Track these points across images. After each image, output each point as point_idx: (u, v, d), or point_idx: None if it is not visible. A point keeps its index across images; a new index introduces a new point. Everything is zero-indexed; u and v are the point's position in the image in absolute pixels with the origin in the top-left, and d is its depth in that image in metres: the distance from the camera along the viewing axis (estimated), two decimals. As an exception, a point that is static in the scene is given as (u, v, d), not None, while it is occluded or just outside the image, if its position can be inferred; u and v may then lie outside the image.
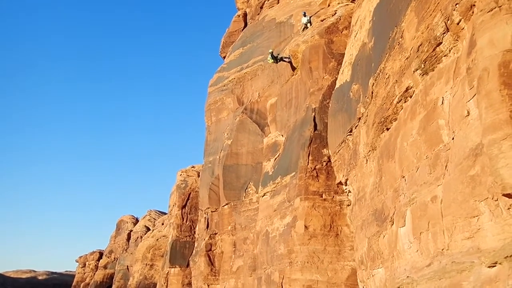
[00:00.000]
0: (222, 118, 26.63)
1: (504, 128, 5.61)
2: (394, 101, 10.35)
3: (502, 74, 5.76)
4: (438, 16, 8.34)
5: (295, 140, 18.39)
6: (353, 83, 14.21)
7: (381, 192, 11.49)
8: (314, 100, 18.01)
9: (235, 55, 27.45)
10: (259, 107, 23.55)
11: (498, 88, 5.73)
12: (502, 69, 5.78)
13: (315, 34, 19.03)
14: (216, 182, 24.78)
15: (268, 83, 23.36)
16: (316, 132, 17.29)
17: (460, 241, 7.41)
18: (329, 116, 16.70)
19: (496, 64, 5.83)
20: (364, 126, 12.99)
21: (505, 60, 5.80)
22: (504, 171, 5.58)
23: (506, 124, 5.60)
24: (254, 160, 22.65)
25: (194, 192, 35.96)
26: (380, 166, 11.45)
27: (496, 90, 5.75)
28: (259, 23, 26.78)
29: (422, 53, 8.90)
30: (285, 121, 20.48)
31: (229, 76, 26.86)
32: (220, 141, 25.63)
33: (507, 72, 5.75)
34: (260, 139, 22.60)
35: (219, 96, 26.98)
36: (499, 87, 5.73)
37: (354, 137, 14.08)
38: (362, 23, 14.44)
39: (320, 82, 18.20)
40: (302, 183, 16.58)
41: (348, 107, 14.56)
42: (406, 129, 9.74)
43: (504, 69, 5.77)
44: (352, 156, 14.20)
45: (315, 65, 18.60)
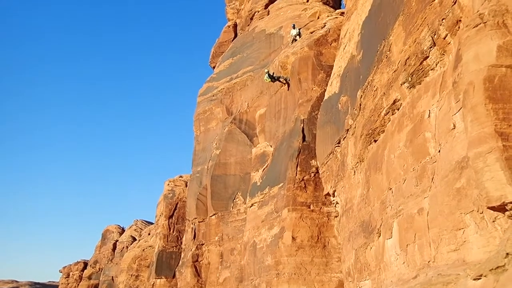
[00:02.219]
0: (211, 128, 26.58)
1: (489, 142, 5.69)
2: (382, 113, 10.44)
3: (487, 88, 5.85)
4: (425, 30, 8.47)
5: (283, 151, 18.41)
6: (342, 95, 14.31)
7: (368, 203, 11.52)
8: (303, 111, 18.09)
9: (225, 65, 27.52)
10: (248, 118, 23.57)
11: (483, 102, 5.82)
12: (487, 83, 5.87)
13: (304, 46, 19.19)
14: (204, 192, 24.64)
15: (257, 93, 23.43)
16: (304, 143, 17.34)
17: (446, 253, 7.44)
18: (318, 127, 16.77)
19: (481, 78, 5.93)
20: (352, 138, 13.06)
21: (490, 74, 5.90)
22: (489, 184, 5.65)
23: (491, 138, 5.68)
24: (243, 171, 22.59)
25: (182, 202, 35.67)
26: (368, 178, 11.50)
27: (481, 104, 5.83)
28: (249, 34, 26.92)
29: (410, 66, 9.01)
30: (274, 132, 20.52)
31: (219, 86, 26.88)
32: (208, 151, 25.55)
33: (492, 86, 5.85)
34: (248, 149, 22.58)
35: (208, 106, 26.96)
36: (484, 101, 5.82)
37: (342, 149, 14.13)
38: (351, 35, 14.60)
39: (309, 93, 18.31)
40: (290, 194, 16.56)
41: (336, 118, 14.64)
42: (393, 141, 9.81)
43: (489, 84, 5.87)
44: (340, 167, 14.25)
45: (304, 76, 18.72)
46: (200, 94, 28.65)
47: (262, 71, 23.19)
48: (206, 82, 28.92)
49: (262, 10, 27.32)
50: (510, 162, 5.52)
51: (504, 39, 5.99)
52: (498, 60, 5.92)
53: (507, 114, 5.70)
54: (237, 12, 30.95)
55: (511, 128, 5.67)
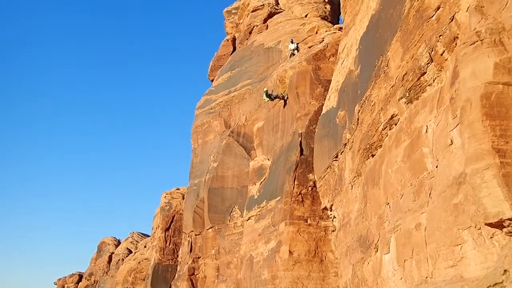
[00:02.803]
0: (208, 141, 26.59)
1: (487, 158, 5.70)
2: (379, 128, 10.48)
3: (484, 105, 5.89)
4: (422, 46, 8.55)
5: (281, 165, 18.40)
6: (340, 109, 14.37)
7: (365, 218, 11.48)
8: (300, 125, 18.13)
9: (223, 78, 27.65)
10: (246, 131, 23.61)
11: (481, 119, 5.85)
12: (484, 100, 5.91)
13: (302, 60, 19.32)
14: (201, 205, 24.54)
15: (255, 107, 23.50)
16: (302, 157, 17.34)
17: (444, 269, 7.40)
18: (315, 141, 16.79)
19: (478, 95, 5.97)
20: (349, 152, 13.08)
21: (487, 91, 5.94)
22: (487, 200, 5.64)
23: (488, 154, 5.70)
24: (240, 184, 22.54)
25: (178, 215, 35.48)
26: (365, 193, 11.48)
27: (478, 121, 5.86)
28: (247, 47, 27.12)
29: (407, 82, 9.07)
30: (272, 145, 20.53)
31: (217, 99, 26.97)
32: (206, 163, 25.52)
33: (489, 103, 5.89)
34: (246, 162, 22.57)
35: (206, 118, 27.01)
36: (481, 117, 5.85)
37: (339, 163, 14.13)
38: (349, 50, 14.71)
39: (307, 107, 18.38)
40: (287, 207, 16.51)
41: (334, 132, 14.67)
42: (391, 156, 9.82)
43: (486, 101, 5.90)
44: (337, 181, 14.23)
45: (302, 90, 18.81)
46: (198, 107, 28.72)
47: (261, 86, 23.31)
48: (204, 95, 29.02)
49: (261, 24, 27.57)
50: (508, 178, 5.54)
51: (501, 56, 6.05)
52: (495, 77, 5.97)
53: (504, 131, 5.73)
54: (236, 26, 31.21)
55: (508, 145, 5.69)
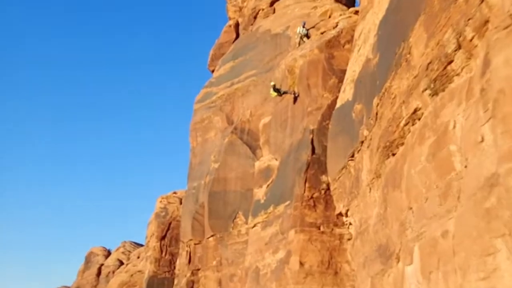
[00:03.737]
0: (209, 139, 26.66)
1: (522, 156, 5.68)
2: (401, 124, 10.47)
3: (520, 96, 5.87)
4: (449, 31, 8.52)
5: (290, 165, 18.42)
6: (356, 103, 14.36)
7: (386, 225, 11.48)
8: (312, 120, 18.14)
9: (225, 68, 27.70)
10: (250, 127, 23.64)
11: (516, 112, 5.83)
12: (519, 91, 5.89)
13: (314, 48, 19.31)
14: (201, 210, 24.61)
15: (261, 100, 23.52)
16: (314, 156, 17.35)
17: (474, 281, 7.39)
18: (329, 138, 16.80)
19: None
20: (367, 151, 13.07)
21: (523, 81, 5.92)
22: (523, 204, 5.63)
23: (524, 152, 5.68)
24: (244, 187, 22.59)
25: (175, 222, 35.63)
26: (385, 196, 11.48)
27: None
28: (252, 34, 27.13)
29: (432, 71, 9.05)
30: (280, 143, 20.56)
31: (218, 92, 27.02)
32: (206, 164, 25.58)
33: (524, 94, 5.86)
34: (251, 162, 22.61)
35: (206, 114, 27.07)
36: (517, 110, 5.83)
37: (356, 163, 14.13)
38: (366, 37, 14.69)
39: (319, 100, 18.38)
40: (297, 213, 16.53)
41: (350, 129, 14.67)
42: (414, 155, 9.81)
43: (522, 91, 5.88)
44: (354, 183, 14.23)
45: (314, 82, 18.81)
46: (197, 101, 28.78)
47: (267, 76, 23.32)
48: (204, 87, 29.06)
49: (267, 8, 27.56)
50: (546, 179, 5.51)
51: (538, 42, 6.02)
52: (532, 65, 5.94)
53: (542, 125, 5.70)
54: (239, 10, 31.22)
55: (547, 141, 5.66)
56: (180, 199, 37.10)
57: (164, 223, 36.47)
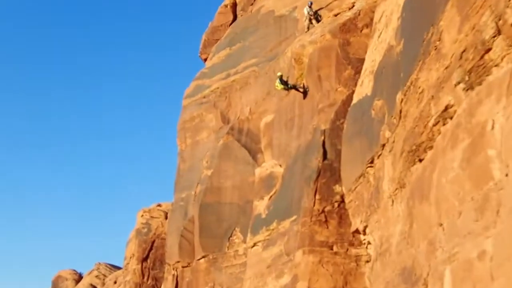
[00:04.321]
0: (200, 141, 26.67)
1: None
2: (430, 124, 10.49)
3: None
4: (487, 14, 8.54)
5: (297, 172, 18.42)
6: (376, 98, 14.39)
7: (411, 244, 11.49)
8: (323, 119, 18.15)
9: (220, 57, 27.74)
10: (250, 127, 23.65)
11: None
12: None
13: (326, 33, 19.34)
14: (190, 226, 24.60)
15: (263, 95, 23.55)
16: (325, 162, 17.35)
17: (517, 312, 7.39)
18: (344, 141, 16.82)
19: (562, 78, 5.96)
20: (389, 156, 13.10)
21: None
22: None
23: None
24: (242, 198, 22.59)
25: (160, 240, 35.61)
26: (411, 210, 11.50)
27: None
28: (252, 16, 27.19)
29: (466, 61, 9.07)
30: (285, 147, 20.56)
31: (211, 84, 27.05)
32: (197, 171, 25.59)
33: None
34: (250, 169, 22.60)
35: (197, 111, 27.10)
36: None
37: (376, 170, 14.15)
38: (388, 20, 14.74)
39: (332, 95, 18.39)
40: (306, 230, 16.53)
41: (368, 129, 14.69)
42: (445, 161, 9.83)
43: None
44: (373, 195, 14.25)
45: (326, 73, 18.83)
46: (186, 95, 28.81)
47: (270, 66, 23.34)
48: (194, 79, 29.08)
49: (270, -16, 27.64)
50: None
51: None
52: None
53: None
54: (237, -13, 31.32)
55: None
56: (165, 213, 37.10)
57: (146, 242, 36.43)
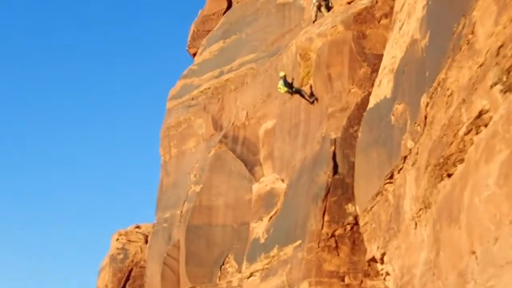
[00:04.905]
0: (187, 150, 26.62)
1: None
2: (460, 132, 10.48)
3: None
4: (528, 2, 8.56)
5: (303, 189, 18.39)
6: (396, 102, 14.39)
7: (438, 276, 11.46)
8: (334, 126, 18.14)
9: (212, 51, 27.74)
10: (247, 135, 23.63)
11: None
12: None
13: (338, 24, 19.36)
14: (175, 252, 24.52)
15: (263, 97, 23.54)
16: (336, 177, 17.33)
17: None
18: (358, 152, 16.79)
19: None
20: (412, 170, 13.08)
21: None
22: None
23: None
24: (237, 219, 22.53)
25: (138, 268, 35.46)
26: (437, 234, 11.47)
27: None
28: (250, 3, 27.23)
29: (504, 58, 9.08)
30: (288, 158, 20.54)
31: (201, 84, 27.03)
32: (183, 186, 25.53)
33: None
34: (247, 185, 22.57)
35: (184, 115, 27.05)
36: None
37: (396, 187, 14.13)
38: (412, 9, 14.77)
39: (345, 98, 18.39)
40: (312, 258, 16.49)
41: (387, 138, 14.68)
42: (478, 177, 9.81)
43: None
44: (392, 216, 14.22)
45: (338, 71, 18.83)
46: (171, 96, 28.79)
47: (271, 63, 23.35)
48: (181, 77, 29.06)
49: (272, -34, 27.73)
50: None
51: None
52: None
53: None
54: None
55: None
56: (145, 236, 36.97)
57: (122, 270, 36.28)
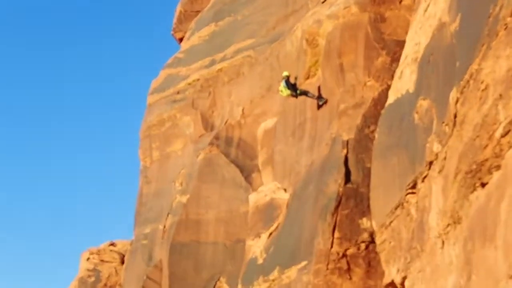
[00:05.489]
0: (172, 154, 26.62)
1: None
2: (497, 134, 10.46)
3: None
4: None
5: (309, 200, 18.38)
6: (421, 97, 14.38)
7: (469, 304, 11.44)
8: (346, 125, 18.13)
9: (202, 36, 27.74)
10: (242, 136, 23.62)
11: None
12: None
13: (352, 4, 19.37)
14: (156, 274, 24.52)
15: (262, 90, 23.53)
16: (349, 186, 17.32)
17: None
18: (375, 156, 16.78)
19: None
20: (439, 178, 13.06)
21: None
22: None
23: None
24: (230, 236, 22.54)
25: (113, 293, 35.54)
26: (469, 255, 11.45)
27: None
28: (248, -21, 27.24)
29: (549, 46, 9.08)
30: (292, 164, 20.53)
31: (189, 75, 27.02)
32: (166, 196, 25.52)
33: None
34: (242, 195, 22.56)
35: (169, 111, 27.05)
36: None
37: (420, 198, 14.11)
38: (439, -13, 14.78)
39: (359, 92, 18.39)
40: (320, 282, 16.48)
41: (410, 141, 14.67)
42: (518, 187, 9.80)
43: None
44: (415, 233, 14.21)
45: (351, 60, 18.84)
46: (153, 90, 28.80)
47: (272, 50, 23.35)
48: (165, 67, 29.09)
49: None
50: None
51: None
52: None
53: None
54: None
55: None
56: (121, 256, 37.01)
57: (93, 295, 36.35)
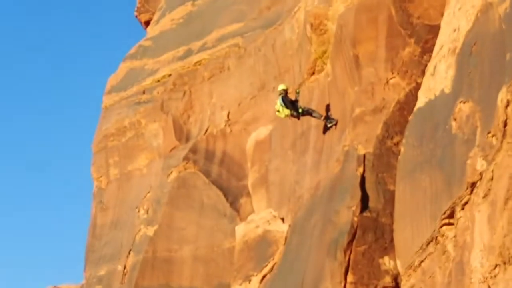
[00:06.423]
0: (135, 172, 26.64)
1: None
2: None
3: None
4: None
5: (314, 233, 18.43)
6: (460, 99, 14.44)
7: None
8: (363, 135, 18.19)
9: (175, 19, 27.83)
10: (228, 149, 23.70)
11: None
12: None
13: (370, -22, 19.49)
14: (114, 330, 24.55)
15: (253, 90, 23.60)
16: (366, 215, 17.37)
17: None
18: (400, 176, 16.82)
19: None
20: (484, 205, 13.10)
21: None
22: None
23: None
24: (211, 279, 22.59)
25: None
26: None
27: None
28: None
29: None
30: (291, 185, 20.60)
31: (158, 69, 27.09)
32: (128, 228, 25.55)
33: None
34: (226, 226, 22.63)
35: (131, 117, 27.07)
36: None
37: (459, 231, 14.16)
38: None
39: (380, 92, 18.46)
40: None
41: (446, 156, 14.73)
42: None
43: None
44: (453, 276, 14.26)
45: (369, 51, 18.94)
46: (110, 88, 28.86)
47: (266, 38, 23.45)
48: (125, 59, 29.19)
49: None
50: None
51: None
52: None
53: None
54: None
55: None
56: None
57: None
